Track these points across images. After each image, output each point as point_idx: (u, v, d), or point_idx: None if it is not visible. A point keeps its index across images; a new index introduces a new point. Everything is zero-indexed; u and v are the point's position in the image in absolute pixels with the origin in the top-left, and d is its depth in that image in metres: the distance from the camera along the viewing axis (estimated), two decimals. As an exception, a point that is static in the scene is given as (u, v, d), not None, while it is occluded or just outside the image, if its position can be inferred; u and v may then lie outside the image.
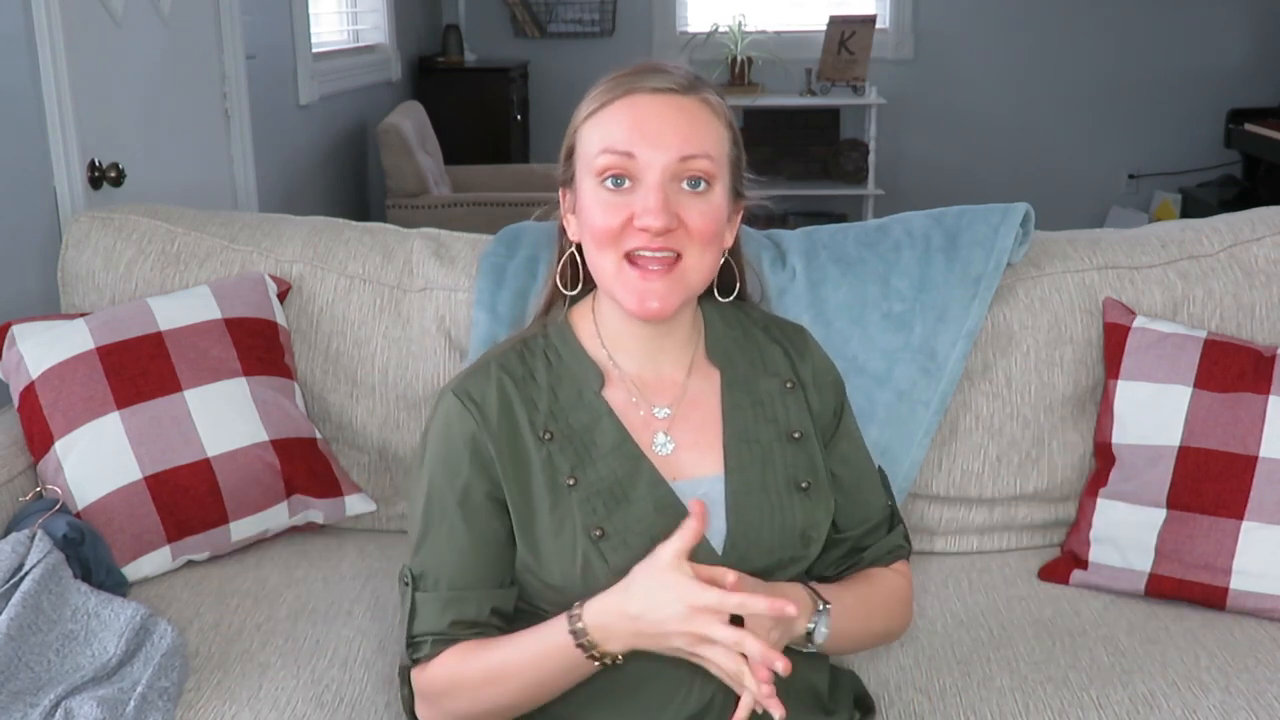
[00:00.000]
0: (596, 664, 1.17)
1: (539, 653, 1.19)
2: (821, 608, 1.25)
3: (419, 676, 1.26)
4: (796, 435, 1.32)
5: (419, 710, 1.29)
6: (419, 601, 1.25)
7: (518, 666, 1.20)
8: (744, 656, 1.11)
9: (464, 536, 1.25)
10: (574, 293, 1.34)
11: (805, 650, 1.25)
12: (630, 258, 1.22)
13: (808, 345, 1.39)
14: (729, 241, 1.31)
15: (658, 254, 1.21)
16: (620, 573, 1.19)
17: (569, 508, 1.23)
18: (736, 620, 1.13)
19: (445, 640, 1.24)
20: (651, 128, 1.21)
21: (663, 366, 1.32)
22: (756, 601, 1.11)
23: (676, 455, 1.28)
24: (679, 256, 1.22)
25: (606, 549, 1.21)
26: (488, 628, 1.25)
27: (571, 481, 1.24)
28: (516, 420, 1.26)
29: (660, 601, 1.12)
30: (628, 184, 1.21)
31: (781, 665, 1.09)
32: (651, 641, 1.14)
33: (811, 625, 1.24)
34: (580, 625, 1.16)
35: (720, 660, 1.11)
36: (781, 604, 1.10)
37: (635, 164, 1.20)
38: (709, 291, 1.33)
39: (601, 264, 1.24)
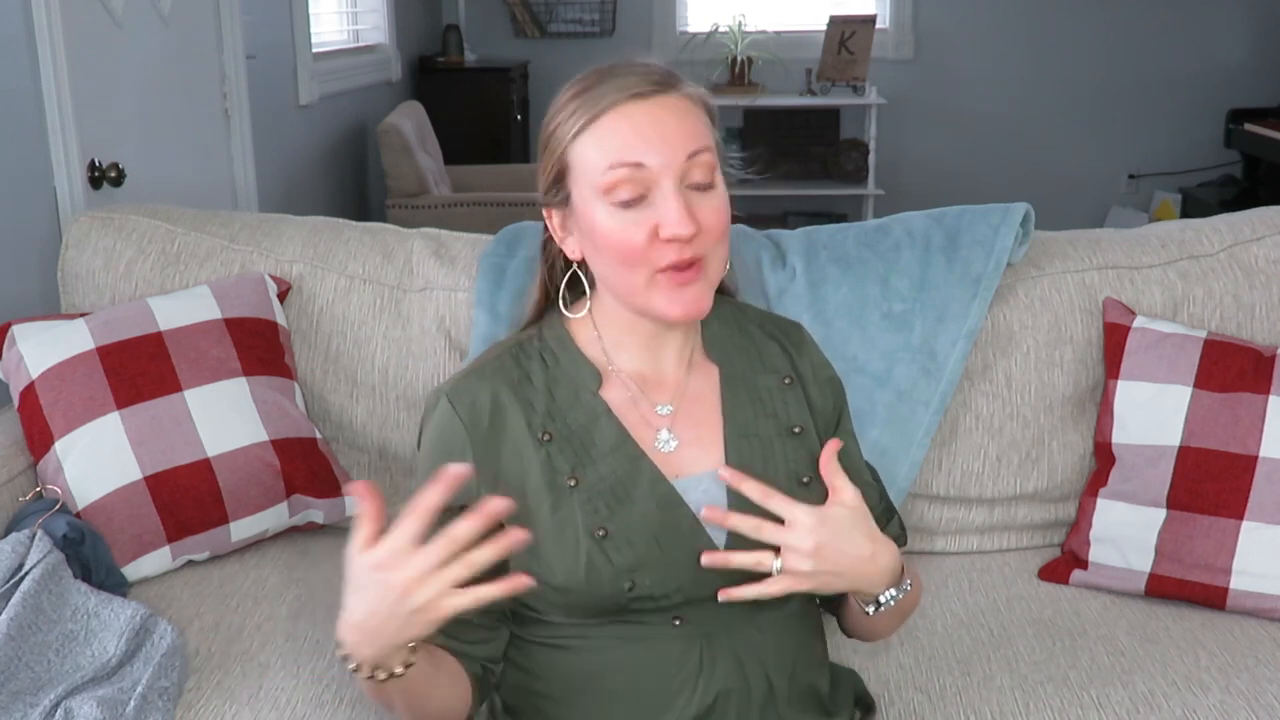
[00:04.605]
0: (383, 678, 1.12)
1: None
2: (906, 585, 1.26)
3: None
4: (796, 430, 1.32)
5: None
6: None
7: None
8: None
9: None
10: (579, 315, 1.32)
11: (866, 609, 1.25)
12: (660, 269, 1.21)
13: (804, 341, 1.39)
14: None
15: (687, 261, 1.21)
16: (624, 572, 1.20)
17: (571, 508, 1.23)
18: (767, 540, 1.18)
19: None
20: (652, 134, 1.20)
21: (663, 364, 1.31)
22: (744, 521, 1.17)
23: (678, 452, 1.28)
24: (699, 257, 1.22)
25: (610, 548, 1.21)
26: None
27: (572, 482, 1.24)
28: (512, 423, 1.26)
29: (367, 598, 1.07)
30: (640, 197, 1.20)
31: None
32: (391, 635, 1.08)
33: (890, 594, 1.24)
34: (340, 653, 1.12)
35: (470, 601, 1.06)
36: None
37: (645, 173, 1.19)
38: None
39: (629, 280, 1.22)
